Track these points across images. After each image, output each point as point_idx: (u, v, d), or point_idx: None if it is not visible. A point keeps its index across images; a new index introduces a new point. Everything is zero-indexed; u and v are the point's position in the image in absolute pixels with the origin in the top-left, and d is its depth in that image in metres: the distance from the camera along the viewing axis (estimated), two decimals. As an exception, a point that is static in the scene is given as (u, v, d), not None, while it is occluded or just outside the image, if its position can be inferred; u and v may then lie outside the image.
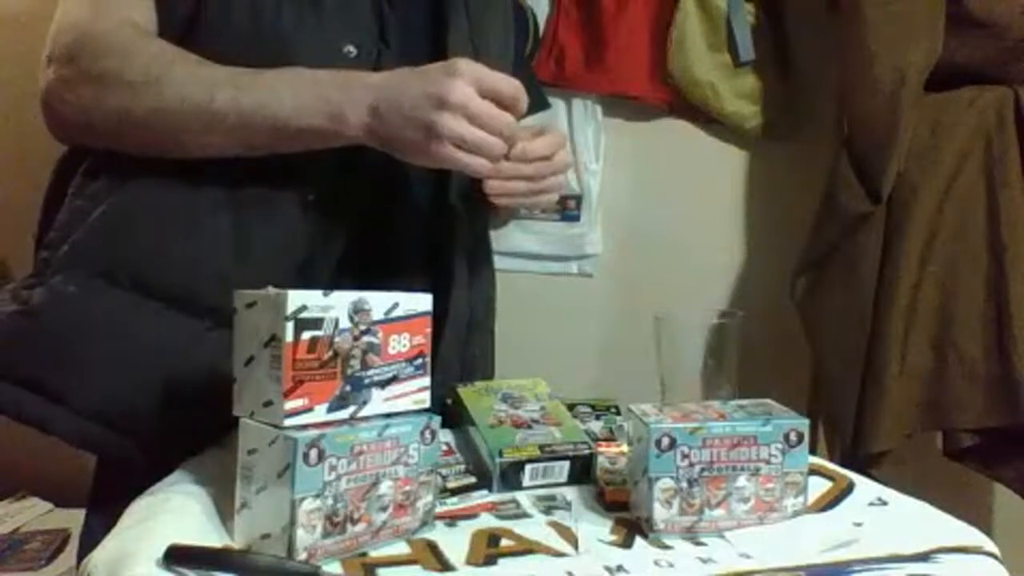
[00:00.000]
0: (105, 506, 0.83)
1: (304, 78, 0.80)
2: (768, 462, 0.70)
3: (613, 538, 0.69)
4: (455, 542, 0.67)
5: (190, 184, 0.83)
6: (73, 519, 1.34)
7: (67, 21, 0.84)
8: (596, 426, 0.94)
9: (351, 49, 0.86)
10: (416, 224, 0.95)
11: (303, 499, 0.60)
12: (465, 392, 0.89)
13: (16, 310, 0.81)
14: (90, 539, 0.89)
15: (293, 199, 0.85)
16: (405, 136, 0.78)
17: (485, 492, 0.78)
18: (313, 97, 0.79)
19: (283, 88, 0.79)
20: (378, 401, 0.68)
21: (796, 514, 0.71)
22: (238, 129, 0.80)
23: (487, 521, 0.72)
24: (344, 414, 0.65)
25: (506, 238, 1.61)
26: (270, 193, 0.84)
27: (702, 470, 0.69)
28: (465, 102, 0.75)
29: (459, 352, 0.97)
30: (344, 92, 0.79)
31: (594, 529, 0.70)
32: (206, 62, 0.81)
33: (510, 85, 0.78)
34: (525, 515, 0.74)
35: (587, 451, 0.81)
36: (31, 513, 1.49)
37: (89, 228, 0.83)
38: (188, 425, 0.76)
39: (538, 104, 1.17)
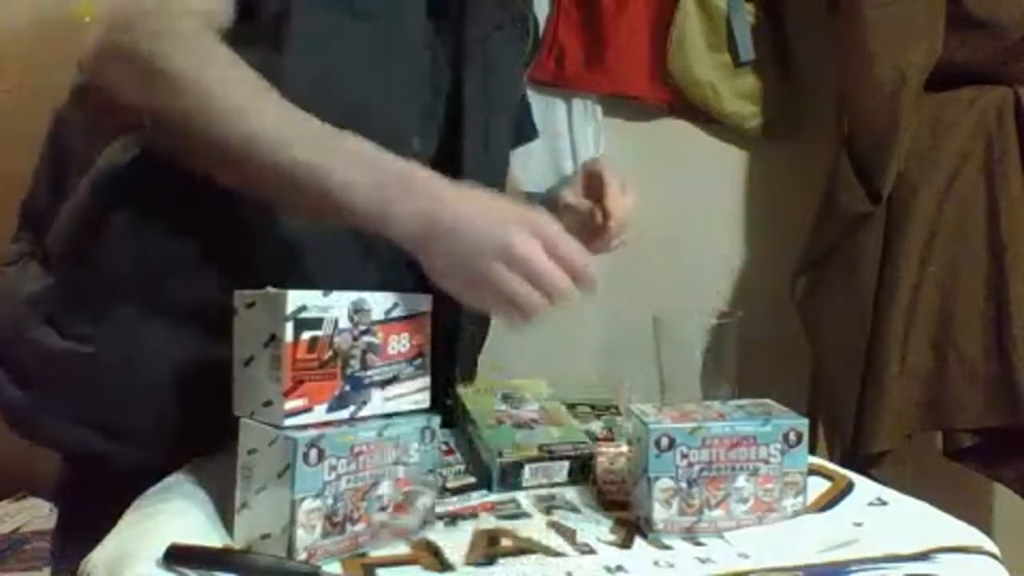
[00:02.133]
0: (84, 504, 0.83)
1: (374, 160, 0.70)
2: (767, 462, 0.70)
3: (613, 538, 0.69)
4: (455, 542, 0.67)
5: (243, 221, 0.77)
6: (73, 519, 1.34)
7: None
8: (596, 426, 0.94)
9: (418, 141, 0.85)
10: None
11: (303, 499, 0.60)
12: (465, 392, 0.89)
13: (70, 349, 0.78)
14: (68, 539, 0.87)
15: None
16: (452, 265, 0.69)
17: (485, 492, 0.78)
18: (368, 183, 0.69)
19: (354, 166, 0.69)
20: (378, 401, 0.68)
21: (795, 514, 0.71)
22: (284, 186, 0.70)
23: (487, 521, 0.72)
24: (344, 414, 0.65)
25: (506, 238, 1.61)
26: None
27: (701, 470, 0.69)
28: (526, 256, 0.67)
29: (457, 352, 0.95)
30: (402, 190, 0.69)
31: (594, 529, 0.70)
32: (287, 104, 0.72)
33: (574, 249, 0.70)
34: (525, 515, 0.74)
35: (587, 451, 0.81)
36: (31, 513, 1.49)
37: (141, 255, 0.79)
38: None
39: (527, 134, 1.17)
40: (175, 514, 0.64)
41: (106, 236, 0.79)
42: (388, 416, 0.68)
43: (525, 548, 0.66)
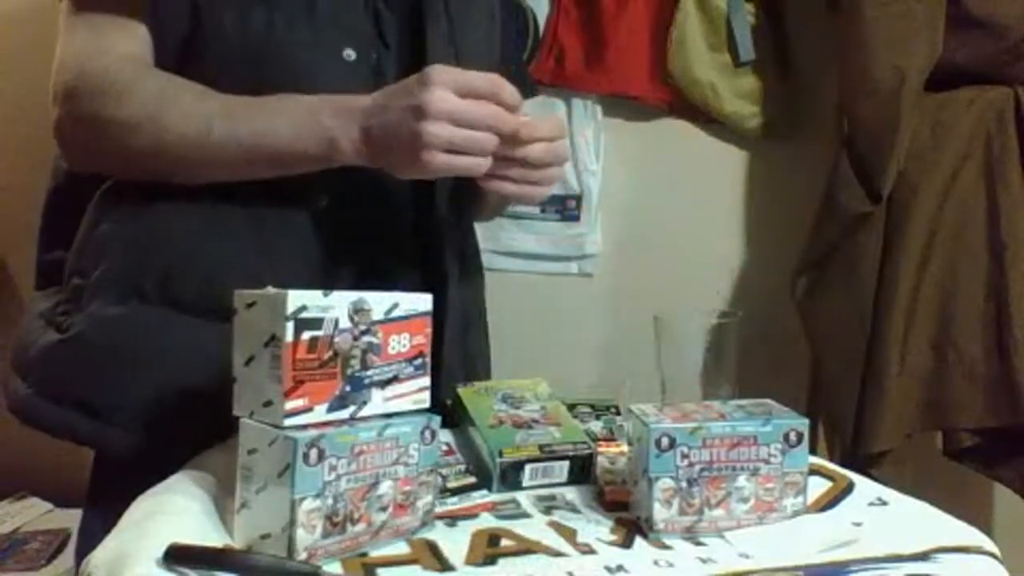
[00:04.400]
0: (104, 503, 0.85)
1: (299, 105, 0.81)
2: (768, 462, 0.70)
3: (613, 538, 0.69)
4: (455, 542, 0.67)
5: (209, 200, 0.85)
6: (73, 519, 1.34)
7: (67, 57, 0.85)
8: (596, 426, 0.94)
9: (350, 53, 0.87)
10: (404, 228, 0.95)
11: (303, 499, 0.60)
12: (465, 392, 0.89)
13: (59, 339, 0.85)
14: (88, 537, 0.90)
15: (307, 206, 0.87)
16: (396, 153, 0.79)
17: (485, 492, 0.78)
18: (307, 124, 0.80)
19: (277, 117, 0.81)
20: (378, 401, 0.68)
21: (796, 514, 0.71)
22: (238, 159, 0.82)
23: (487, 521, 0.72)
24: (344, 414, 0.65)
25: (506, 238, 1.62)
26: (285, 202, 0.86)
27: (702, 470, 0.69)
28: (444, 106, 0.76)
29: (460, 352, 0.97)
30: (336, 117, 0.80)
31: (594, 529, 0.70)
32: (204, 93, 0.82)
33: (485, 80, 0.78)
34: (525, 515, 0.74)
35: (587, 451, 0.81)
36: (31, 513, 1.50)
37: (118, 252, 0.86)
38: (225, 428, 0.76)
39: (527, 92, 1.16)
40: (175, 514, 0.64)
41: (93, 237, 0.88)
42: (388, 416, 0.68)
43: (525, 548, 0.66)
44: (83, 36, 0.84)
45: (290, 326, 0.62)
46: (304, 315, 0.63)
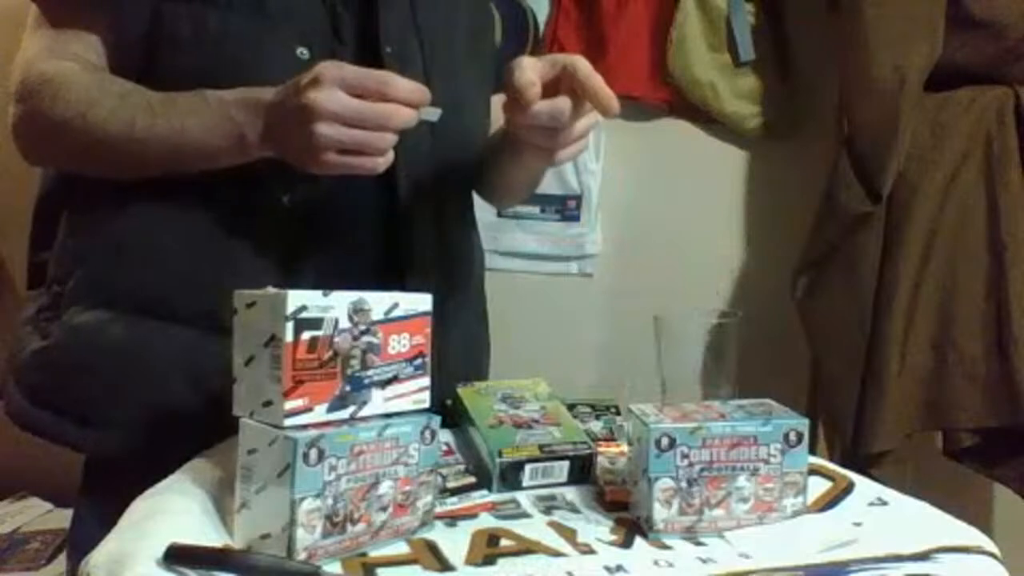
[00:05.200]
0: (97, 493, 0.91)
1: (211, 100, 0.82)
2: (767, 462, 0.70)
3: (613, 538, 0.69)
4: (455, 542, 0.67)
5: (172, 206, 0.87)
6: (73, 519, 1.34)
7: (22, 59, 0.89)
8: (596, 426, 0.94)
9: (303, 52, 0.87)
10: (367, 222, 0.93)
11: (303, 499, 0.60)
12: (465, 392, 0.89)
13: (41, 346, 0.88)
14: (82, 526, 0.94)
15: (269, 205, 0.87)
16: (294, 152, 0.79)
17: (485, 492, 0.78)
18: (218, 119, 0.81)
19: (192, 114, 0.82)
20: (378, 401, 0.68)
21: (796, 514, 0.71)
22: (161, 155, 0.83)
23: (487, 521, 0.72)
24: (344, 414, 0.65)
25: (506, 238, 1.62)
26: (247, 202, 0.86)
27: (702, 470, 0.69)
28: (331, 107, 0.75)
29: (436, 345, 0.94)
30: (245, 112, 0.80)
31: (594, 529, 0.70)
32: (130, 92, 0.84)
33: (374, 77, 0.77)
34: (525, 515, 0.74)
35: (587, 451, 0.81)
36: (31, 513, 1.50)
37: (90, 262, 0.88)
38: (199, 430, 0.77)
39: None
40: (175, 514, 0.64)
41: (68, 246, 0.90)
42: (388, 416, 0.68)
43: (525, 548, 0.66)
44: (36, 42, 0.89)
45: (290, 326, 0.62)
46: (304, 315, 0.63)
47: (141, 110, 0.83)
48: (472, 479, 0.80)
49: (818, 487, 0.75)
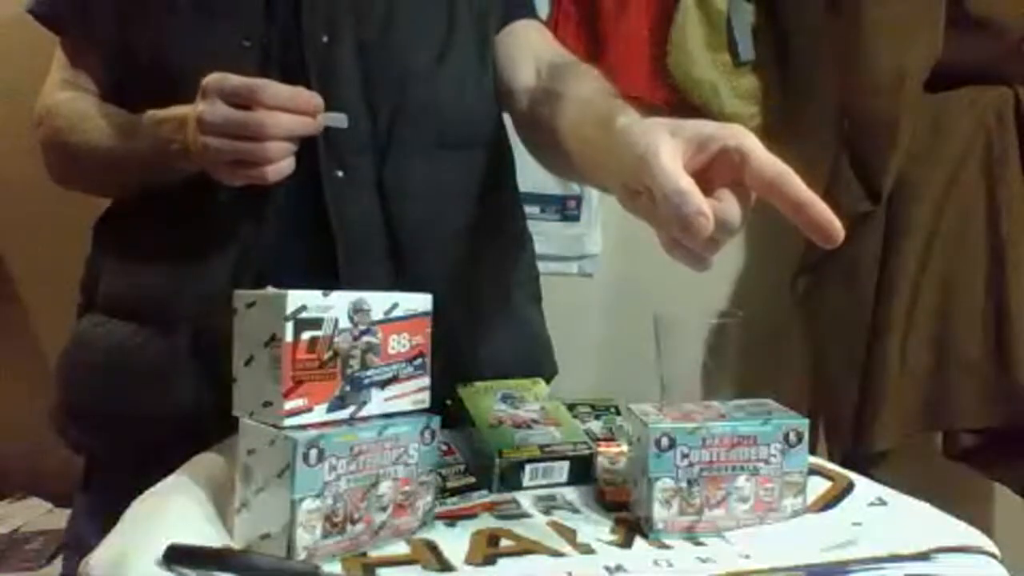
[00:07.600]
0: (96, 499, 0.94)
1: (152, 120, 0.85)
2: (767, 462, 0.70)
3: (613, 538, 0.69)
4: (455, 542, 0.67)
5: (151, 217, 0.91)
6: (73, 519, 1.34)
7: (43, 90, 0.97)
8: (596, 426, 0.94)
9: (245, 43, 0.87)
10: (299, 217, 0.90)
11: (303, 499, 0.60)
12: (465, 392, 0.89)
13: (64, 349, 0.95)
14: (80, 520, 0.96)
15: (214, 205, 0.86)
16: (202, 163, 0.80)
17: (485, 492, 0.78)
18: (160, 138, 0.83)
19: (139, 136, 0.86)
20: (378, 401, 0.68)
21: (795, 514, 0.71)
22: (131, 173, 0.90)
23: (487, 521, 0.72)
24: (344, 414, 0.65)
25: (506, 238, 1.61)
26: (200, 204, 0.87)
27: (702, 470, 0.69)
28: (212, 119, 0.76)
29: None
30: (179, 131, 0.81)
31: (594, 529, 0.70)
32: (95, 116, 0.90)
33: (245, 85, 0.76)
34: (525, 515, 0.74)
35: (587, 451, 0.81)
36: (31, 513, 1.49)
37: (93, 273, 0.95)
38: (199, 430, 0.76)
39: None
40: (175, 514, 0.64)
41: (92, 267, 0.97)
42: (388, 416, 0.68)
43: (525, 548, 0.66)
44: (54, 74, 0.97)
45: (290, 326, 0.62)
46: (304, 315, 0.63)
47: (104, 135, 0.88)
48: (472, 479, 0.80)
49: (818, 487, 0.75)
